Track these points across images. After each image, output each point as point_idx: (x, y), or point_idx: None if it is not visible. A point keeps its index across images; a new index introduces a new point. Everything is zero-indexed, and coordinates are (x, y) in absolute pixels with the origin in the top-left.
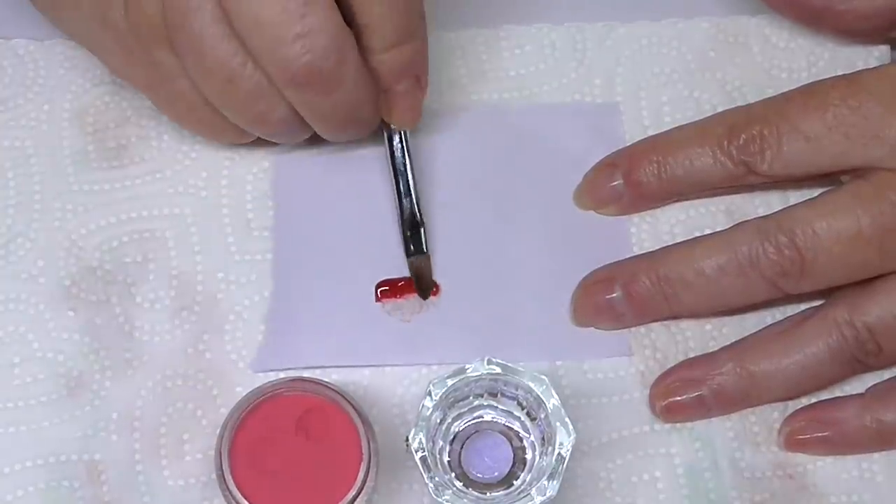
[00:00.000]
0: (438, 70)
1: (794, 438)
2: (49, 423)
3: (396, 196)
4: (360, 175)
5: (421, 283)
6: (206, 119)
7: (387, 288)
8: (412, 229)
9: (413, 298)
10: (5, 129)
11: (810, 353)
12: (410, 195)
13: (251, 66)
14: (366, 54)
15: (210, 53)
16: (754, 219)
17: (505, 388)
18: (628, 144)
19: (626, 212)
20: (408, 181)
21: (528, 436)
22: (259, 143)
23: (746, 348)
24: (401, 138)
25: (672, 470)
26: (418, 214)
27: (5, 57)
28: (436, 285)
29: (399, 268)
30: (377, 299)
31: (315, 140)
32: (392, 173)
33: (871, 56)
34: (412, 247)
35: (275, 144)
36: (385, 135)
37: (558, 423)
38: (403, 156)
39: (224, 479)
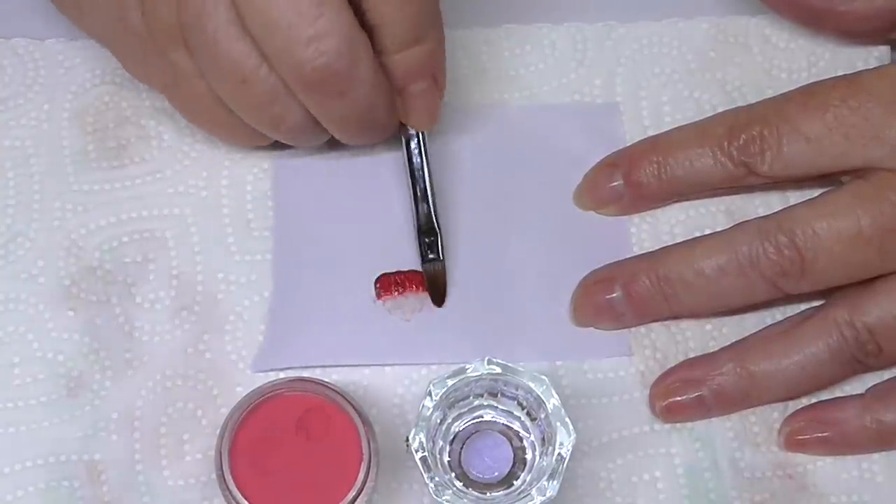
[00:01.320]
0: None
1: (794, 438)
2: (49, 423)
3: (413, 201)
4: (361, 175)
5: (436, 290)
6: (223, 121)
7: (385, 281)
8: (429, 235)
9: (413, 297)
10: (5, 128)
11: (810, 353)
12: (428, 201)
13: (265, 68)
14: (380, 55)
15: (224, 55)
16: (754, 219)
17: (505, 388)
18: (628, 144)
19: (626, 212)
20: (425, 186)
21: (528, 436)
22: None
23: (746, 348)
24: (418, 142)
25: (672, 470)
26: (435, 220)
27: (5, 57)
28: None
29: (399, 267)
30: (377, 296)
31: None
32: (409, 178)
33: (871, 57)
34: (429, 253)
35: (274, 145)
36: (403, 139)
37: (558, 423)
38: (421, 160)
39: (224, 479)
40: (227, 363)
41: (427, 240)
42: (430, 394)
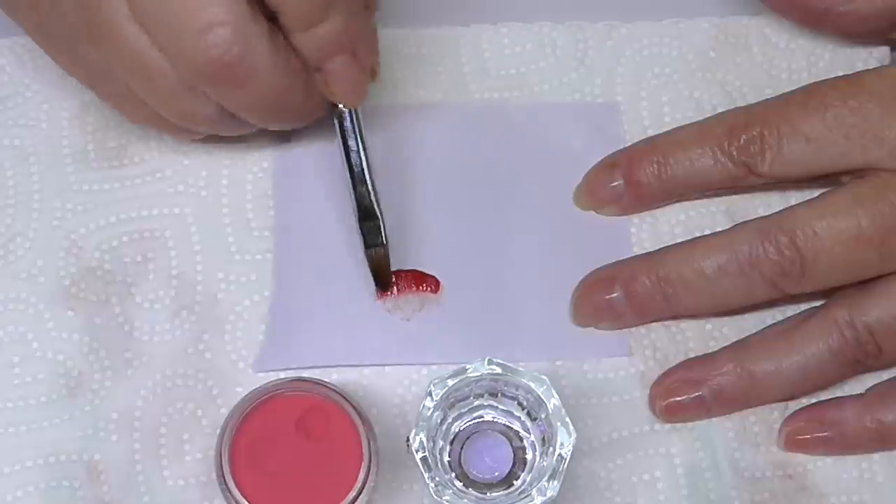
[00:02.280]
0: (440, 67)
1: (794, 438)
2: (49, 423)
3: (351, 185)
4: None
5: (380, 277)
6: (148, 114)
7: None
8: (368, 220)
9: (413, 296)
10: (5, 128)
11: (810, 353)
12: (365, 183)
13: (166, 62)
14: (287, 36)
15: (126, 52)
16: (754, 219)
17: (505, 388)
18: (628, 144)
19: (626, 212)
20: (362, 168)
21: (528, 436)
22: (258, 142)
23: (746, 348)
24: (351, 121)
25: (672, 470)
26: (375, 203)
27: (5, 57)
28: (437, 284)
29: (398, 267)
30: (377, 296)
31: (313, 139)
32: (344, 160)
33: (871, 57)
34: (368, 239)
35: (274, 144)
36: (336, 121)
37: (559, 423)
38: (356, 140)
39: (224, 480)
40: (227, 363)
41: (367, 224)
42: (430, 394)
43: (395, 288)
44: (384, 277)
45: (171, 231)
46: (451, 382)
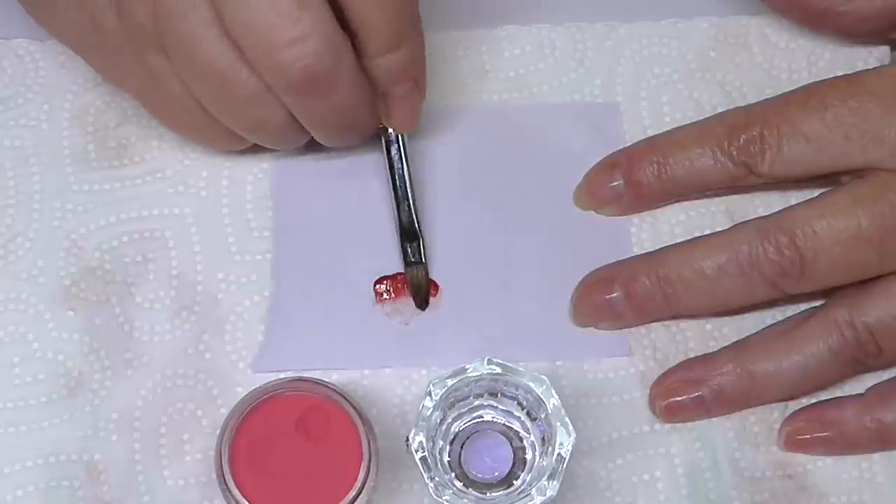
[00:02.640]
0: (439, 70)
1: (794, 438)
2: (49, 423)
3: (395, 204)
4: (361, 176)
5: (418, 294)
6: (202, 124)
7: (383, 284)
8: (410, 239)
9: (412, 300)
10: (5, 129)
11: (810, 353)
12: (409, 204)
13: (246, 70)
14: (361, 58)
15: (203, 58)
16: (754, 219)
17: (505, 388)
18: (628, 144)
19: (626, 212)
20: (406, 190)
21: (528, 436)
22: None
23: (746, 348)
24: (399, 146)
25: (672, 470)
26: (416, 224)
27: (5, 57)
28: (435, 286)
29: (398, 270)
30: (376, 299)
31: (315, 142)
32: (390, 181)
33: (871, 57)
34: (409, 257)
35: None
36: (383, 141)
37: (558, 423)
38: (402, 163)
39: (224, 480)
40: (227, 363)
41: (409, 243)
42: (430, 394)
43: (395, 290)
44: (422, 295)
45: (172, 231)
46: (450, 382)
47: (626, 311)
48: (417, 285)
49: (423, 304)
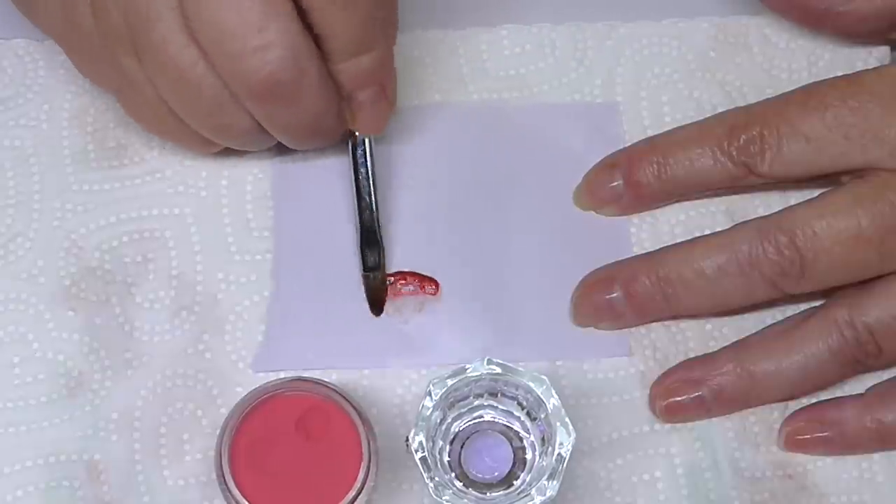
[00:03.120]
0: (439, 68)
1: (794, 438)
2: (49, 423)
3: (357, 210)
4: None
5: (374, 301)
6: (173, 127)
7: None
8: (369, 245)
9: (411, 298)
10: (5, 129)
11: (810, 353)
12: (371, 209)
13: (212, 76)
14: (327, 62)
15: (171, 62)
16: (754, 219)
17: (505, 388)
18: (628, 144)
19: (626, 212)
20: (369, 194)
21: (528, 436)
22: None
23: (746, 348)
24: (364, 150)
25: (672, 470)
26: (377, 230)
27: (5, 57)
28: (436, 285)
29: (398, 268)
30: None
31: None
32: (353, 187)
33: (870, 57)
34: (367, 263)
35: (274, 145)
36: (349, 145)
37: (558, 423)
38: (366, 167)
39: (224, 480)
40: (227, 363)
41: (368, 249)
42: (430, 394)
43: (394, 289)
44: (379, 302)
45: (171, 231)
46: (450, 382)
47: (626, 311)
48: (373, 292)
49: (378, 311)
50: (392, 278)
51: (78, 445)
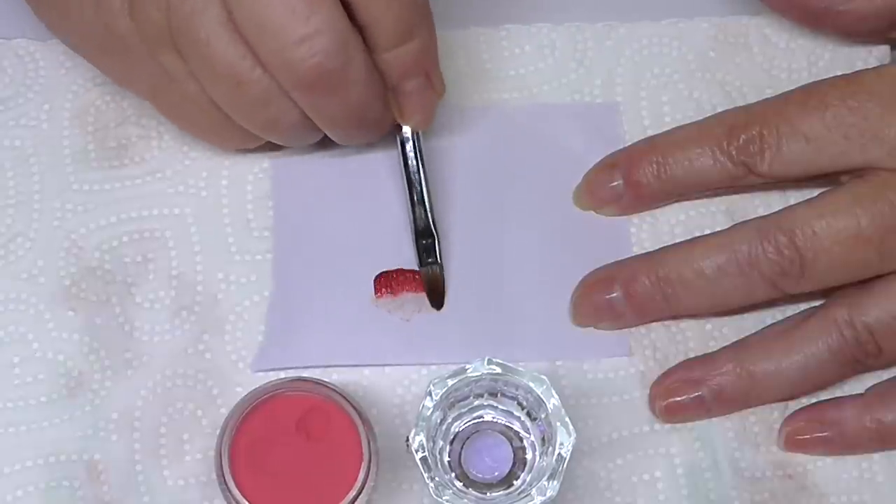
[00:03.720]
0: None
1: (794, 438)
2: (49, 423)
3: (410, 204)
4: (361, 175)
5: (434, 294)
6: (215, 123)
7: (383, 280)
8: (426, 238)
9: (412, 296)
10: (5, 129)
11: (810, 353)
12: (424, 204)
13: (259, 69)
14: (371, 53)
15: (216, 57)
16: (754, 219)
17: (505, 388)
18: (628, 144)
19: (626, 212)
20: (421, 189)
21: (528, 436)
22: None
23: (746, 348)
24: (414, 144)
25: (672, 470)
26: (432, 224)
27: (5, 57)
28: None
29: (399, 266)
30: (377, 296)
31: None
32: (405, 181)
33: (870, 56)
34: (424, 257)
35: (274, 144)
36: (398, 140)
37: (558, 423)
38: (417, 163)
39: (224, 480)
40: (227, 363)
41: (424, 243)
42: (430, 394)
43: (394, 288)
44: (438, 294)
45: (171, 231)
46: (450, 382)
47: (626, 311)
48: (432, 285)
49: (439, 303)
50: (393, 275)
51: (78, 445)
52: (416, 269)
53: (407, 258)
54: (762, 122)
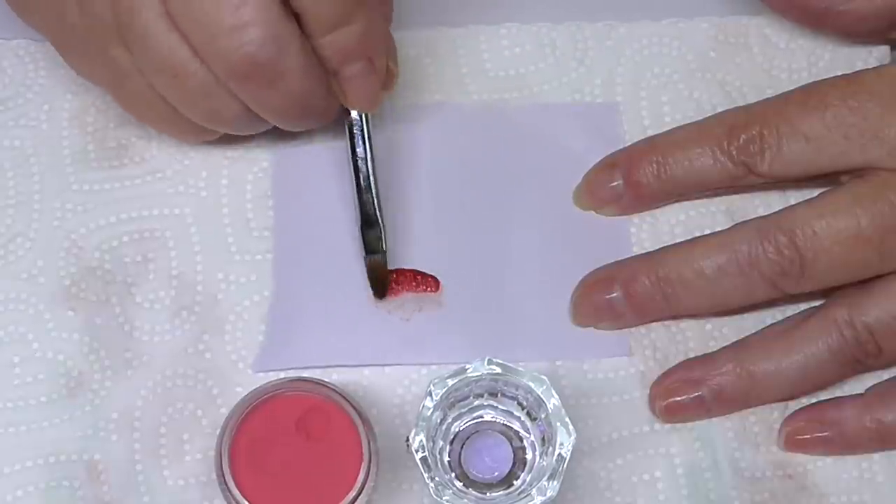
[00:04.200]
0: (439, 67)
1: (794, 438)
2: (49, 423)
3: (356, 192)
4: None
5: (376, 284)
6: (166, 116)
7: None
8: (370, 227)
9: (412, 296)
10: (5, 129)
11: (810, 353)
12: (370, 191)
13: (196, 61)
14: (309, 39)
15: (156, 50)
16: (754, 219)
17: (505, 388)
18: (628, 144)
19: (626, 212)
20: (367, 176)
21: (528, 436)
22: (258, 142)
23: (746, 348)
24: (361, 130)
25: (672, 470)
26: (377, 212)
27: (5, 57)
28: (436, 284)
29: (396, 265)
30: (376, 300)
31: (313, 138)
32: (351, 168)
33: (870, 56)
34: (368, 246)
35: (273, 144)
36: (346, 126)
37: (558, 423)
38: (364, 148)
39: (224, 479)
40: (227, 363)
41: (369, 232)
42: (430, 394)
43: (394, 288)
44: (382, 284)
45: (171, 231)
46: (450, 382)
47: (626, 311)
48: (375, 274)
49: (381, 294)
50: (394, 275)
51: (78, 445)
52: (417, 268)
53: (408, 258)
54: (762, 122)
